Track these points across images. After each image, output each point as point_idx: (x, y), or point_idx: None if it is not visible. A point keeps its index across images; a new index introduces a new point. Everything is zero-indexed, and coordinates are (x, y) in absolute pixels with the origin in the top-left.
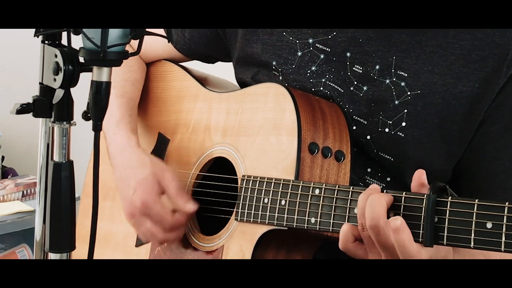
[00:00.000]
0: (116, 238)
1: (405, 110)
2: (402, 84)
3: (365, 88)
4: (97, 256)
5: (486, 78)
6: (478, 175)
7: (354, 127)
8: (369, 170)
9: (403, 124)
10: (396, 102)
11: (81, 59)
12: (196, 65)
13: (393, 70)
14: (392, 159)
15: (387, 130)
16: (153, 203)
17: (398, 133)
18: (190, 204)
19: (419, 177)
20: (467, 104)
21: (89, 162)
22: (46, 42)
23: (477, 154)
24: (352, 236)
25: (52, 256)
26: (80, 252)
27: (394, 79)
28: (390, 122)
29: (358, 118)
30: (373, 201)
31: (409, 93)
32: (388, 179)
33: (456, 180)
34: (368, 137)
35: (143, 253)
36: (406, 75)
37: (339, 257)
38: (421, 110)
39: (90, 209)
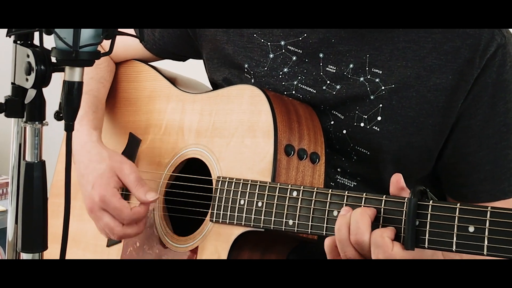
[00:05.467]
0: (87, 238)
1: (380, 105)
2: (377, 80)
3: (338, 86)
4: (67, 256)
5: (460, 70)
6: (464, 169)
7: (332, 122)
8: (339, 170)
9: (379, 118)
10: (372, 97)
11: (54, 59)
12: (166, 65)
13: (367, 68)
14: (368, 153)
15: (362, 124)
16: (110, 197)
17: (374, 127)
18: (150, 194)
19: (397, 181)
20: (443, 97)
21: (57, 162)
22: (18, 42)
23: (460, 149)
24: (336, 248)
25: (24, 256)
26: (50, 252)
27: (369, 77)
28: (366, 117)
29: (336, 113)
30: (357, 217)
31: (383, 87)
32: (359, 178)
33: (441, 177)
34: (344, 131)
35: (115, 253)
36: (380, 72)
37: (312, 258)
38: (396, 104)
39: (59, 209)
